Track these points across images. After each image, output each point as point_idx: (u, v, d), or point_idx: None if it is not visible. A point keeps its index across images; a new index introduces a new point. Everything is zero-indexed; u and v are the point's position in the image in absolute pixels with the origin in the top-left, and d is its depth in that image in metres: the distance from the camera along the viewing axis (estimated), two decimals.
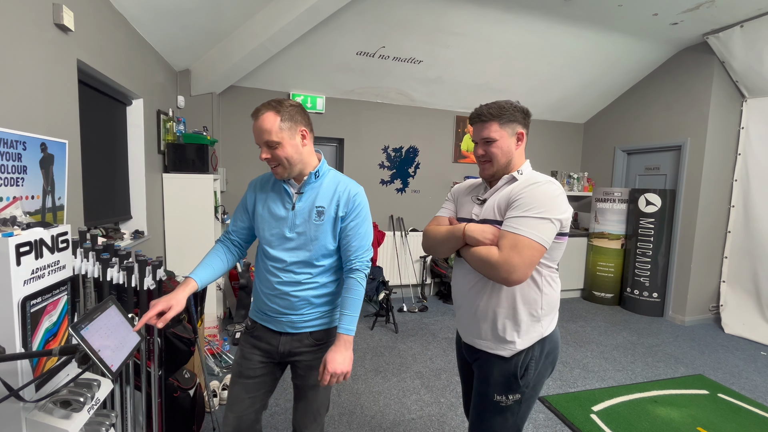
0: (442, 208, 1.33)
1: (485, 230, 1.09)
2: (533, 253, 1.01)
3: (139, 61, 2.42)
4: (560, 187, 1.09)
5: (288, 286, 1.19)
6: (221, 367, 2.63)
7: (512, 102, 1.14)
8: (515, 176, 1.14)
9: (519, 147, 1.16)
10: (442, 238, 1.19)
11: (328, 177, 1.23)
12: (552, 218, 1.02)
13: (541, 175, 1.14)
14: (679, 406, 2.38)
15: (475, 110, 1.16)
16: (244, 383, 1.26)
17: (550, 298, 1.15)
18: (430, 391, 2.46)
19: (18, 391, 0.79)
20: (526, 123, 1.16)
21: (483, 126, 1.14)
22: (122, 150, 2.43)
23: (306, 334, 1.23)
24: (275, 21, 2.74)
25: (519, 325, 1.12)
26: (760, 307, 3.57)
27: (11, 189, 1.18)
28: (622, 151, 4.54)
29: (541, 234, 1.01)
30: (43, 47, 1.46)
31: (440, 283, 4.51)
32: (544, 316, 1.14)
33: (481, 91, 4.12)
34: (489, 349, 1.17)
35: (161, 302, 1.05)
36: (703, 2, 2.94)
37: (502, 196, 1.12)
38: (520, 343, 1.13)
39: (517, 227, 1.03)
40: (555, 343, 1.19)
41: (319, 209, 1.17)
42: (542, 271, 1.12)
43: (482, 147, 1.16)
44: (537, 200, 1.03)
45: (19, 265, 0.81)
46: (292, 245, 1.18)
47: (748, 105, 3.61)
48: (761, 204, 3.54)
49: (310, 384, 1.26)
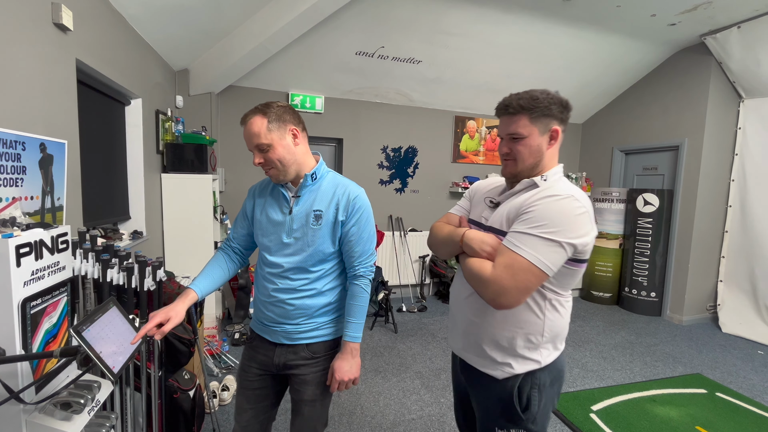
0: (457, 205, 1.21)
1: (485, 240, 0.95)
2: (529, 278, 0.86)
3: (137, 60, 2.41)
4: (585, 205, 0.89)
5: (284, 293, 1.15)
6: (221, 368, 2.62)
7: (548, 92, 0.95)
8: (536, 182, 0.97)
9: (552, 147, 0.97)
10: (442, 240, 1.09)
11: (327, 179, 1.18)
12: (563, 241, 0.85)
13: (567, 185, 0.95)
14: (677, 405, 2.39)
15: (502, 100, 0.98)
16: (245, 394, 1.24)
17: (554, 324, 0.98)
18: (430, 391, 2.46)
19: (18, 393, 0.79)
20: (564, 118, 0.97)
21: (510, 119, 0.97)
22: (121, 150, 2.42)
23: (302, 346, 1.18)
24: (274, 21, 2.73)
25: (514, 349, 0.99)
26: (757, 306, 3.59)
27: (10, 190, 1.17)
28: (620, 151, 4.55)
29: (544, 258, 0.86)
30: (41, 47, 1.45)
31: (439, 283, 4.51)
32: (545, 343, 0.98)
33: (480, 91, 4.13)
34: (480, 367, 1.04)
35: (160, 314, 1.03)
36: (701, 3, 2.95)
37: (516, 204, 0.96)
38: (516, 367, 0.99)
39: (518, 245, 0.88)
40: (559, 372, 1.04)
41: (317, 213, 1.13)
42: (547, 295, 0.97)
43: (507, 144, 0.99)
44: (550, 217, 0.87)
45: (19, 267, 0.81)
46: (289, 251, 1.14)
47: (745, 105, 3.63)
48: (758, 204, 3.56)
49: (306, 399, 1.19)
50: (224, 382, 2.33)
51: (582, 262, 0.94)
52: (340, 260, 1.20)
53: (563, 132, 0.98)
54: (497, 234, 0.97)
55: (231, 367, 2.65)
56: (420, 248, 4.41)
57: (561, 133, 0.97)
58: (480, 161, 4.67)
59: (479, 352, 1.04)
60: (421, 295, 4.40)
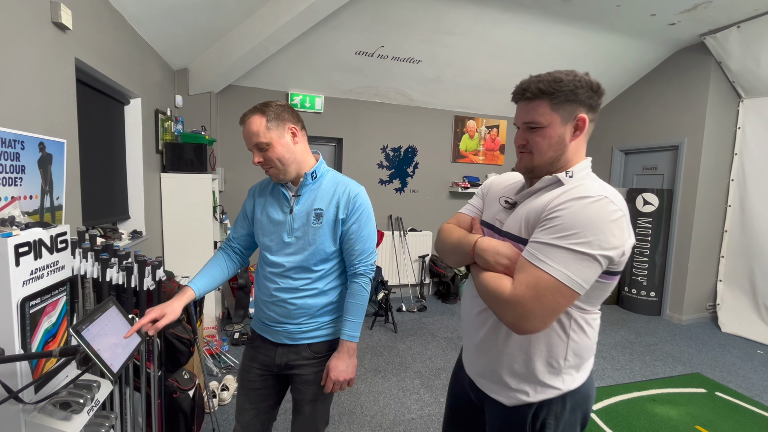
0: (468, 204, 1.05)
1: (500, 251, 0.81)
2: (558, 299, 0.72)
3: (137, 59, 2.41)
4: (621, 207, 0.74)
5: (285, 293, 1.15)
6: (220, 368, 2.62)
7: (575, 73, 0.79)
8: (561, 179, 0.81)
9: (577, 138, 0.82)
10: (451, 247, 0.94)
11: (327, 178, 1.18)
12: (597, 254, 0.71)
13: (597, 182, 0.80)
14: (677, 404, 2.39)
15: (520, 83, 0.83)
16: (246, 393, 1.24)
17: (579, 346, 0.83)
18: (429, 391, 2.47)
19: (18, 393, 0.79)
20: (593, 104, 0.80)
21: (528, 106, 0.81)
22: (120, 150, 2.42)
23: (304, 346, 1.18)
24: (274, 20, 2.73)
25: (532, 374, 0.84)
26: (756, 305, 3.60)
27: (9, 189, 1.17)
28: (619, 150, 4.55)
29: (575, 275, 0.71)
30: (41, 46, 1.44)
31: (439, 282, 4.51)
32: (569, 368, 0.84)
33: (480, 90, 4.12)
34: (491, 393, 0.91)
35: (155, 310, 1.04)
36: (701, 3, 2.95)
37: (536, 206, 0.81)
38: (532, 395, 0.85)
39: (543, 259, 0.73)
40: (584, 397, 0.87)
41: (318, 212, 1.13)
42: (572, 313, 0.82)
43: (524, 134, 0.84)
44: (580, 224, 0.71)
45: (18, 266, 0.80)
46: (290, 250, 1.14)
47: (744, 105, 3.63)
48: (758, 203, 3.57)
49: (308, 399, 1.20)
50: (224, 382, 2.33)
51: (616, 275, 0.79)
52: (341, 260, 1.19)
53: (592, 121, 0.82)
54: (514, 242, 0.83)
55: (230, 366, 2.65)
56: (420, 248, 4.41)
57: (588, 123, 0.81)
58: (480, 161, 4.67)
59: (492, 376, 0.91)
60: (420, 294, 4.40)
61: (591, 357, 0.88)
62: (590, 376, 0.89)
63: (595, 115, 0.82)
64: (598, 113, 0.84)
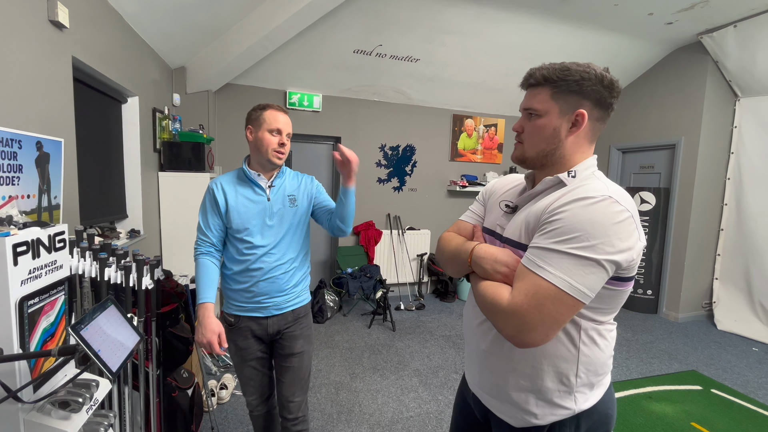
0: (468, 210, 1.02)
1: (498, 259, 0.77)
2: (559, 309, 0.66)
3: (134, 58, 2.40)
4: (628, 207, 0.68)
5: (275, 270, 1.36)
6: (219, 367, 2.62)
7: (589, 65, 0.74)
8: (563, 180, 0.76)
9: (574, 133, 0.76)
10: (449, 256, 0.90)
11: (287, 172, 1.46)
12: (601, 259, 0.65)
13: (602, 181, 0.74)
14: (673, 401, 2.41)
15: (529, 69, 0.81)
16: (251, 364, 1.44)
17: (591, 361, 0.76)
18: (428, 389, 2.48)
19: (16, 392, 0.79)
20: (600, 100, 0.75)
21: (531, 92, 0.80)
22: (118, 148, 2.41)
23: (289, 312, 1.42)
24: (272, 18, 2.72)
25: (540, 392, 0.77)
26: (752, 303, 3.62)
27: (7, 188, 1.17)
28: (616, 149, 4.57)
29: (577, 282, 0.66)
30: (37, 44, 1.44)
31: (437, 281, 4.52)
32: (582, 386, 0.77)
33: (478, 89, 4.13)
34: (495, 411, 0.86)
35: (212, 335, 1.27)
36: (698, 2, 2.96)
37: (537, 209, 0.76)
38: (540, 417, 0.78)
39: (542, 265, 0.68)
40: (604, 416, 0.80)
41: (291, 197, 1.40)
42: (582, 324, 0.74)
43: (522, 120, 0.82)
44: (582, 226, 0.66)
45: (16, 265, 0.80)
46: (272, 231, 1.36)
47: (740, 104, 3.65)
48: (754, 202, 3.59)
49: (296, 351, 1.43)
50: (222, 381, 2.33)
51: (628, 280, 0.73)
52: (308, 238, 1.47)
53: (598, 120, 0.76)
54: (515, 249, 0.78)
55: (229, 365, 2.65)
56: (418, 246, 4.42)
57: (589, 120, 0.75)
58: (478, 160, 4.67)
59: (497, 393, 0.84)
60: (419, 293, 4.41)
61: (607, 373, 0.81)
62: (608, 391, 0.82)
63: (603, 114, 0.76)
64: (609, 114, 0.77)
